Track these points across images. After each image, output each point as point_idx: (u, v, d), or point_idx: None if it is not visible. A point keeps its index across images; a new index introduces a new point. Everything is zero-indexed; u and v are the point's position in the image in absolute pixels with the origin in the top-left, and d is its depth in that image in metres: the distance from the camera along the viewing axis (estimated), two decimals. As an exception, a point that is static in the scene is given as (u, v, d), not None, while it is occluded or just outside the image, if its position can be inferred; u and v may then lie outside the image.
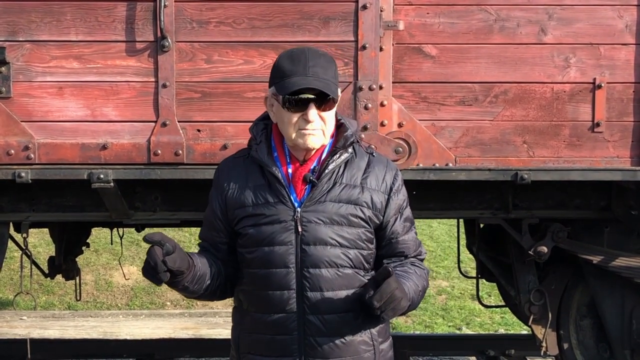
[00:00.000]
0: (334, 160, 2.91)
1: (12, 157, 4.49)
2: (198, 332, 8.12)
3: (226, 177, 2.99)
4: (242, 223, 2.93)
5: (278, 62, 2.90)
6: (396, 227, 2.99)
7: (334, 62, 2.93)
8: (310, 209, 2.88)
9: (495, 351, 6.87)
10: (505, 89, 4.59)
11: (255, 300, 2.93)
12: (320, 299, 2.87)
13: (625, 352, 5.25)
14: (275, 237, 2.87)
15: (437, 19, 4.54)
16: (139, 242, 10.92)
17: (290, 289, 2.88)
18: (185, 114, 4.52)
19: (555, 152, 4.63)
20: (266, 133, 2.99)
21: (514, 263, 5.31)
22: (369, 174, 2.96)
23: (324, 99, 2.85)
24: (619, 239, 5.11)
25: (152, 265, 2.67)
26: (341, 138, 2.94)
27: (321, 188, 2.90)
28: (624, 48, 4.59)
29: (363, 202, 2.92)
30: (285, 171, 2.92)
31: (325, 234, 2.87)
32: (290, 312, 2.88)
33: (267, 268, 2.89)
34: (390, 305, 2.70)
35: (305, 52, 2.89)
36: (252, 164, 2.96)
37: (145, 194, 4.90)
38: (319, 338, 2.89)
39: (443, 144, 4.60)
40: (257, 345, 2.95)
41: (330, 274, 2.88)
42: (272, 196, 2.90)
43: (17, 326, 8.32)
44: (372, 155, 3.01)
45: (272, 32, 4.48)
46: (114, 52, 4.49)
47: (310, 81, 2.82)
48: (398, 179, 3.01)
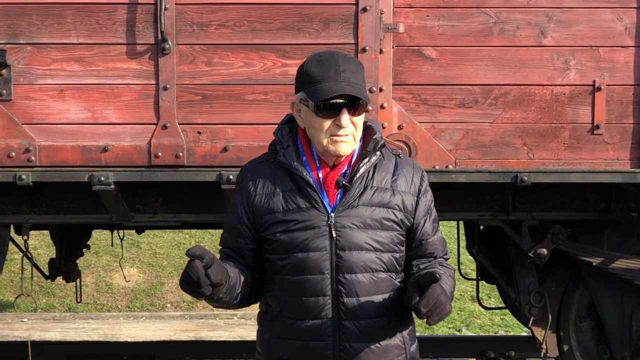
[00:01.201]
0: (365, 163, 2.88)
1: (13, 160, 4.49)
2: (198, 334, 8.11)
3: (252, 182, 2.91)
4: (271, 229, 2.87)
5: (307, 67, 2.84)
6: (426, 228, 2.97)
7: (362, 65, 2.90)
8: (343, 213, 2.84)
9: (495, 353, 6.87)
10: (505, 91, 4.60)
11: (288, 306, 2.88)
12: (356, 305, 2.84)
13: (625, 354, 5.25)
14: (309, 243, 2.82)
15: (437, 22, 4.55)
16: (139, 244, 10.93)
17: (326, 295, 2.84)
18: (186, 116, 4.53)
19: (555, 154, 4.64)
20: (292, 137, 2.93)
21: (513, 265, 5.32)
22: (398, 177, 2.93)
23: (355, 103, 2.81)
24: (618, 241, 5.12)
25: (195, 279, 2.62)
26: (370, 141, 2.90)
27: (354, 192, 2.86)
28: (624, 50, 4.60)
29: (395, 205, 2.89)
30: (316, 176, 2.87)
31: (360, 238, 2.84)
32: (325, 318, 2.84)
33: (301, 274, 2.84)
34: (437, 310, 2.68)
35: (334, 56, 2.84)
36: (279, 169, 2.90)
37: (145, 196, 4.90)
38: (355, 344, 2.86)
39: (443, 146, 4.60)
40: (289, 351, 2.90)
41: (366, 278, 2.84)
42: (303, 201, 2.85)
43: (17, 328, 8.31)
44: (399, 157, 2.99)
45: (273, 35, 4.49)
46: (115, 54, 4.50)
47: (343, 87, 2.77)
48: (425, 180, 3.00)
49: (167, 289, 10.28)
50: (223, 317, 8.94)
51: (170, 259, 10.81)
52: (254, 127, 4.53)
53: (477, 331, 8.90)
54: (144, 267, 10.64)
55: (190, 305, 10.00)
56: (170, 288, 10.27)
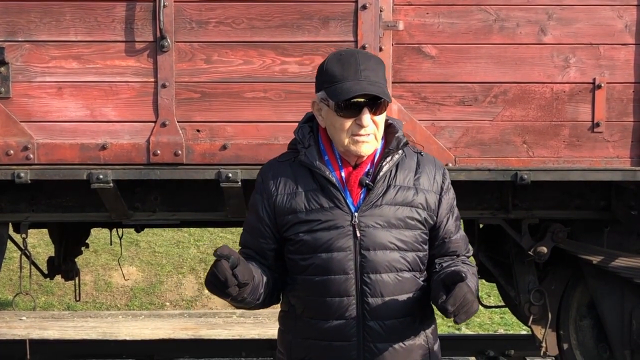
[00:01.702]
0: (387, 162, 2.85)
1: (11, 158, 4.48)
2: (197, 332, 8.11)
3: (273, 182, 2.88)
4: (293, 229, 2.84)
5: (327, 66, 2.82)
6: (449, 227, 2.94)
7: (383, 63, 2.88)
8: (367, 213, 2.81)
9: (495, 351, 6.86)
10: (505, 89, 4.59)
11: (312, 307, 2.86)
12: (380, 304, 2.82)
13: (625, 352, 5.24)
14: (333, 243, 2.80)
15: (436, 19, 4.54)
16: (138, 243, 10.92)
17: (350, 295, 2.81)
18: (185, 114, 4.51)
19: (555, 152, 4.63)
20: (313, 136, 2.91)
21: (513, 263, 5.31)
22: (420, 175, 2.90)
23: (376, 102, 2.78)
24: (618, 239, 5.11)
25: (222, 280, 2.60)
26: (392, 139, 2.88)
27: (377, 191, 2.83)
28: (624, 48, 4.59)
29: (418, 204, 2.86)
30: (338, 175, 2.85)
31: (384, 238, 2.81)
32: (349, 319, 2.82)
33: (325, 275, 2.81)
34: (464, 309, 2.67)
35: (355, 55, 2.82)
36: (301, 168, 2.87)
37: (144, 194, 4.89)
38: (379, 344, 2.84)
39: (443, 144, 4.59)
40: (313, 351, 2.88)
41: (390, 278, 2.82)
42: (326, 201, 2.82)
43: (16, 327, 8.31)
44: (420, 154, 2.96)
45: (272, 32, 4.48)
46: (113, 52, 4.48)
47: (364, 86, 2.74)
48: (447, 177, 2.97)
49: (166, 287, 10.27)
50: (222, 315, 8.94)
51: (170, 258, 10.80)
52: (253, 125, 4.52)
53: (477, 330, 8.90)
54: (143, 265, 10.64)
55: (189, 303, 10.00)
56: (170, 286, 10.27)
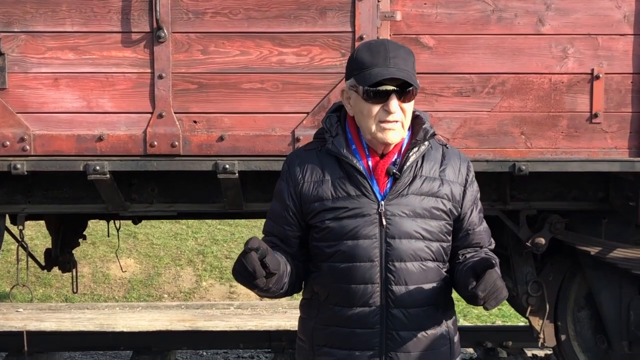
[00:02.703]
0: (414, 152, 2.88)
1: (7, 149, 4.47)
2: (195, 324, 8.11)
3: (299, 170, 2.91)
4: (319, 217, 2.87)
5: (357, 54, 2.87)
6: (473, 219, 2.99)
7: (413, 54, 2.91)
8: (393, 202, 2.85)
9: (493, 343, 6.87)
10: (503, 79, 4.57)
11: (336, 293, 2.88)
12: (405, 293, 2.85)
13: (623, 344, 5.24)
14: (359, 230, 2.83)
15: (434, 10, 4.52)
16: (136, 235, 10.92)
17: (375, 282, 2.84)
18: (182, 105, 4.50)
19: (553, 143, 4.62)
20: (340, 125, 2.94)
21: (511, 255, 5.30)
22: (445, 166, 2.94)
23: (404, 90, 2.82)
24: (616, 231, 5.10)
25: (251, 271, 2.64)
26: (420, 130, 2.91)
27: (403, 181, 2.86)
28: (622, 38, 4.58)
29: (444, 195, 2.90)
30: (365, 164, 2.88)
31: (410, 227, 2.84)
32: (373, 306, 2.85)
33: (351, 262, 2.85)
34: (494, 295, 2.71)
35: (385, 44, 2.86)
36: (327, 157, 2.91)
37: (141, 185, 4.88)
38: (402, 332, 2.87)
39: (441, 135, 4.58)
40: (336, 338, 2.91)
41: (415, 267, 2.86)
42: (353, 189, 2.85)
43: (13, 318, 8.30)
44: (446, 147, 3.00)
45: (269, 23, 4.46)
46: (110, 43, 4.47)
47: (392, 72, 2.78)
48: (471, 170, 3.01)
49: (164, 279, 10.27)
50: (219, 307, 8.94)
51: (167, 250, 10.80)
52: (251, 116, 4.51)
53: (475, 321, 8.91)
54: (141, 257, 10.64)
55: (187, 295, 9.99)
56: (167, 278, 10.27)
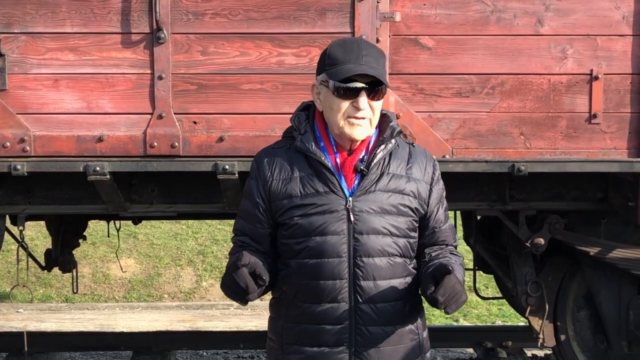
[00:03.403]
0: (382, 150, 2.93)
1: (7, 150, 4.47)
2: (195, 324, 8.11)
3: (268, 168, 2.95)
4: (288, 214, 2.91)
5: (330, 50, 2.91)
6: (439, 217, 3.03)
7: (384, 54, 2.97)
8: (361, 198, 2.89)
9: (493, 343, 6.87)
10: (502, 80, 4.58)
11: (304, 291, 2.91)
12: (373, 288, 2.88)
13: (622, 344, 5.25)
14: (327, 226, 2.87)
15: (433, 10, 4.53)
16: (136, 235, 10.92)
17: (343, 278, 2.88)
18: (182, 106, 4.50)
19: (552, 144, 4.63)
20: (309, 123, 2.98)
21: (511, 255, 5.31)
22: (412, 164, 2.99)
23: (374, 88, 2.86)
24: (616, 231, 5.11)
25: (244, 287, 2.70)
26: (387, 128, 2.97)
27: (371, 177, 2.91)
28: (621, 39, 4.58)
29: (410, 192, 2.95)
30: (333, 161, 2.92)
31: (377, 223, 2.88)
32: (342, 302, 2.88)
33: (319, 258, 2.88)
34: (454, 299, 2.76)
35: (358, 42, 2.91)
36: (296, 154, 2.95)
37: (141, 186, 4.89)
38: (371, 327, 2.90)
39: (440, 135, 4.59)
40: (305, 336, 2.93)
41: (383, 262, 2.89)
42: (321, 185, 2.89)
43: (13, 319, 8.31)
44: (413, 145, 3.05)
45: (268, 24, 4.47)
46: (110, 44, 4.47)
47: (364, 69, 2.83)
48: (437, 169, 3.06)
49: (164, 279, 10.27)
50: (219, 307, 8.94)
51: (167, 250, 10.80)
52: (250, 116, 4.51)
53: (475, 321, 8.91)
54: (141, 257, 10.64)
55: (187, 295, 10.00)
56: (167, 279, 10.27)
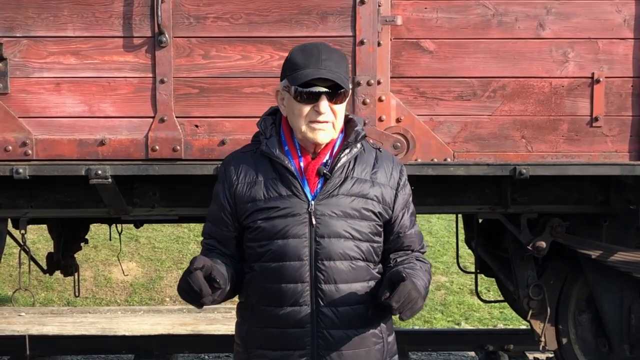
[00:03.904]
0: (346, 154, 2.94)
1: (9, 153, 4.48)
2: (196, 328, 8.12)
3: (234, 172, 2.98)
4: (252, 217, 2.92)
5: (291, 55, 2.94)
6: (404, 222, 3.04)
7: (346, 58, 2.98)
8: (323, 202, 2.90)
9: (494, 346, 6.87)
10: (504, 83, 4.59)
11: (267, 294, 2.92)
12: (334, 291, 2.89)
13: (624, 347, 5.25)
14: (289, 230, 2.88)
15: (435, 14, 4.54)
16: (138, 239, 10.92)
17: (304, 281, 2.89)
18: (183, 109, 4.51)
19: (554, 147, 4.63)
20: (275, 127, 3.00)
21: (512, 258, 5.31)
22: (377, 169, 3.00)
23: (335, 92, 2.88)
24: (617, 234, 5.11)
25: (197, 291, 2.70)
26: (352, 133, 2.97)
27: (334, 181, 2.92)
28: (622, 42, 4.59)
29: (374, 197, 2.95)
30: (297, 164, 2.94)
31: (339, 226, 2.89)
32: (303, 305, 2.89)
33: (281, 261, 2.89)
34: (408, 306, 2.75)
35: (318, 47, 2.93)
36: (261, 158, 2.97)
37: (143, 189, 4.89)
38: (333, 331, 2.90)
39: (441, 139, 4.59)
40: (268, 340, 2.94)
41: (344, 266, 2.90)
42: (284, 189, 2.91)
43: (15, 322, 8.31)
44: (379, 150, 3.06)
45: (270, 28, 4.47)
46: (111, 47, 4.48)
47: (323, 73, 2.85)
48: (404, 174, 3.07)
49: (166, 283, 10.27)
50: (221, 311, 8.93)
51: (169, 253, 10.80)
52: (252, 120, 4.48)
53: (476, 324, 8.90)
54: (143, 261, 10.63)
55: (189, 299, 9.97)
56: (169, 282, 10.26)
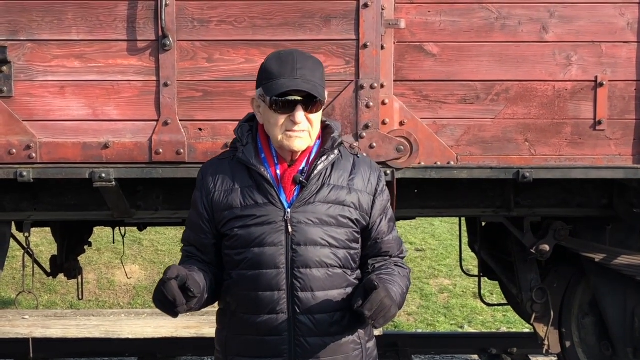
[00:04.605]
0: (323, 161, 2.94)
1: (14, 157, 4.49)
2: (200, 331, 8.11)
3: (212, 179, 2.99)
4: (229, 225, 2.93)
5: (266, 64, 2.93)
6: (382, 228, 3.03)
7: (321, 65, 2.97)
8: (300, 209, 2.90)
9: (498, 349, 6.87)
10: (507, 87, 4.59)
11: (245, 302, 2.93)
12: (311, 299, 2.89)
13: (627, 350, 5.24)
14: (265, 238, 2.88)
15: (438, 17, 4.54)
16: (141, 241, 10.93)
17: (281, 289, 2.89)
18: (187, 112, 4.52)
19: (557, 150, 4.63)
20: (252, 134, 3.00)
21: (516, 261, 5.31)
22: (355, 175, 2.99)
23: (311, 101, 2.87)
24: (621, 237, 5.11)
25: (171, 300, 2.70)
26: (328, 139, 2.97)
27: (310, 189, 2.92)
28: (626, 46, 4.59)
29: (350, 203, 2.95)
30: (273, 172, 2.94)
31: (315, 234, 2.89)
32: (280, 313, 2.89)
33: (257, 269, 2.89)
34: (381, 314, 2.74)
35: (293, 54, 2.92)
36: (238, 166, 2.97)
37: (147, 193, 4.90)
38: (310, 338, 2.91)
39: (445, 142, 4.59)
40: (246, 347, 2.95)
41: (321, 273, 2.90)
42: (261, 197, 2.91)
43: (19, 325, 8.31)
44: (357, 156, 3.05)
45: (274, 31, 4.48)
46: (116, 51, 4.49)
47: (298, 83, 2.84)
48: (382, 179, 3.06)
49: (169, 285, 10.26)
50: (225, 314, 8.92)
51: (172, 256, 10.80)
52: (255, 123, 4.52)
53: (479, 328, 8.89)
54: (146, 264, 10.64)
55: (192, 302, 9.98)
56: (172, 285, 10.26)
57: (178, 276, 2.71)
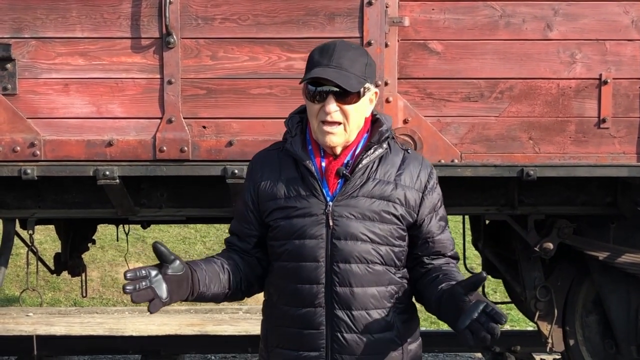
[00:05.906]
0: (368, 155, 2.88)
1: (18, 154, 4.49)
2: (204, 328, 8.12)
3: (259, 170, 2.97)
4: (273, 215, 2.91)
5: (311, 53, 2.89)
6: (432, 227, 2.95)
7: (366, 56, 2.88)
8: (342, 203, 2.85)
9: (501, 347, 6.86)
10: (511, 85, 4.58)
11: (285, 293, 2.91)
12: (349, 295, 2.84)
13: (631, 348, 5.24)
14: (306, 230, 2.85)
15: (442, 15, 4.54)
16: (144, 239, 10.94)
17: (319, 283, 2.85)
18: (191, 110, 4.52)
19: (561, 148, 4.62)
20: (301, 126, 2.96)
21: (519, 259, 5.31)
22: (403, 171, 2.92)
23: (345, 91, 2.80)
24: (625, 235, 5.11)
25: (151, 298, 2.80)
26: (376, 133, 2.91)
27: (354, 183, 2.87)
28: (630, 44, 4.58)
29: (396, 199, 2.88)
30: (318, 164, 2.89)
31: (356, 229, 2.83)
32: (318, 307, 2.85)
33: (297, 261, 2.86)
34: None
35: (335, 44, 2.85)
36: (286, 157, 2.94)
37: (150, 190, 4.90)
38: (347, 334, 2.86)
39: (448, 140, 4.59)
40: (285, 339, 2.93)
41: (360, 269, 2.84)
42: (304, 189, 2.87)
43: (23, 322, 8.33)
44: (407, 152, 2.98)
45: (277, 29, 4.48)
46: (120, 48, 4.49)
47: (328, 72, 2.78)
48: (433, 177, 2.98)
49: (172, 283, 10.27)
50: (228, 311, 8.95)
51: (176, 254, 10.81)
52: (259, 121, 4.52)
53: (483, 326, 8.87)
54: (150, 261, 10.65)
55: (196, 299, 9.99)
56: (176, 282, 10.27)
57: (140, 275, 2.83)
